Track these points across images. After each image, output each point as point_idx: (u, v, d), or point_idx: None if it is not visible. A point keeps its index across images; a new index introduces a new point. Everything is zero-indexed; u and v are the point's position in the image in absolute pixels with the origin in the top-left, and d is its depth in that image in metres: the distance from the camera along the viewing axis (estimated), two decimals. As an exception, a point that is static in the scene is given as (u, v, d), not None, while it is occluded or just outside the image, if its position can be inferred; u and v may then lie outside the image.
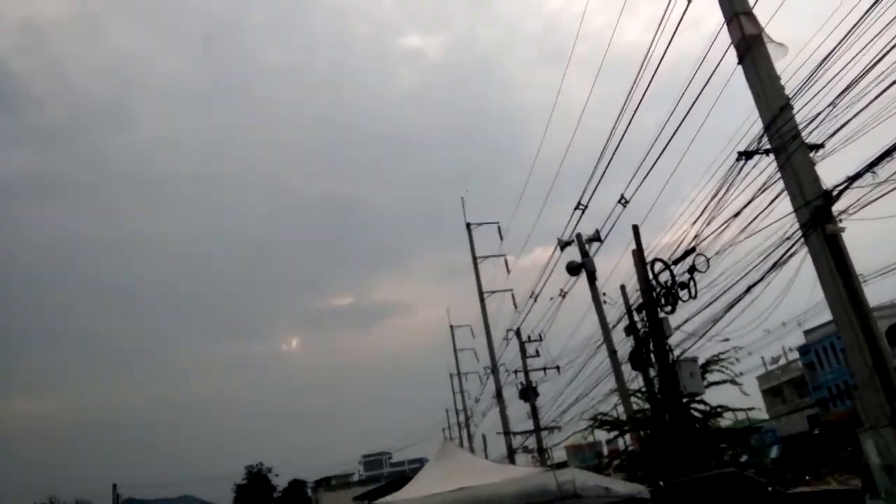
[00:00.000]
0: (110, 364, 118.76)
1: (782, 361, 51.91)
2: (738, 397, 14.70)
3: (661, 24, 9.22)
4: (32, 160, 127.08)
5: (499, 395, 26.91)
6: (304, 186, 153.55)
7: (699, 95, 9.29)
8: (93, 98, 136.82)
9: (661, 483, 9.67)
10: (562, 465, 28.79)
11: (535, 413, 25.75)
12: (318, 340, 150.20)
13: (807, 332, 42.22)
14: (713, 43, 8.59)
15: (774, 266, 8.97)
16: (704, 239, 10.77)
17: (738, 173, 8.91)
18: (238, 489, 73.92)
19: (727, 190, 9.41)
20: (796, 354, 49.36)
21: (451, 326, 38.83)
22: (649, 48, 9.69)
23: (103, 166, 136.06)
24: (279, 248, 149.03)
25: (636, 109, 10.90)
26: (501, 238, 27.49)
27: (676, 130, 10.10)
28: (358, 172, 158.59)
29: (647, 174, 11.63)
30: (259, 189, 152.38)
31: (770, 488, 10.17)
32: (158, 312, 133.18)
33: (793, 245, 8.25)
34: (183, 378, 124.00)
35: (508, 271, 27.30)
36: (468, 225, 28.20)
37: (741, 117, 8.78)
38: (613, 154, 12.23)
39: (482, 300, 27.03)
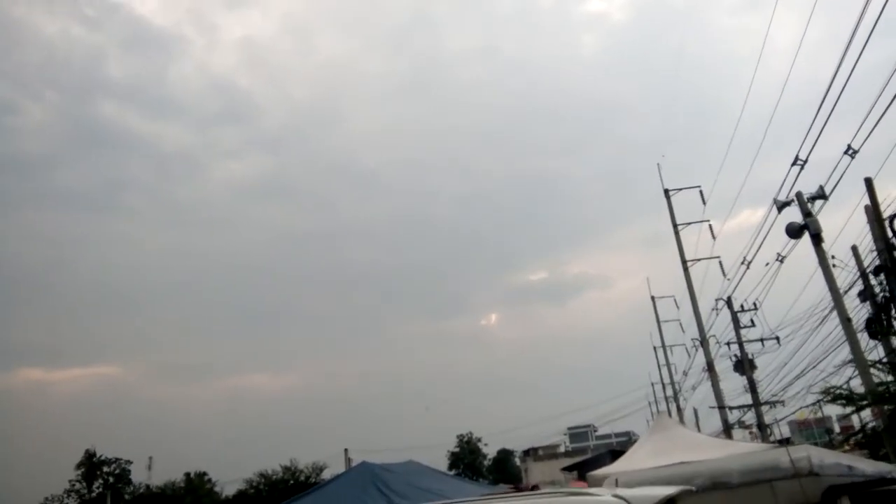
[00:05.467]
0: (333, 343, 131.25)
1: None
2: None
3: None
4: (263, 164, 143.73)
5: (710, 367, 25.51)
6: (497, 166, 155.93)
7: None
8: (306, 102, 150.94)
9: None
10: (785, 442, 26.75)
11: (752, 387, 24.12)
12: (517, 316, 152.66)
13: None
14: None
15: None
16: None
17: None
18: (452, 456, 78.32)
19: None
20: None
21: (653, 297, 37.45)
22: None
23: (318, 163, 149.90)
24: (475, 228, 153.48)
25: (865, 44, 9.62)
26: (704, 202, 25.84)
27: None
28: (549, 148, 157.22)
29: (880, 119, 10.26)
30: (455, 173, 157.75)
31: None
32: (370, 295, 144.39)
33: None
34: (394, 354, 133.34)
35: (714, 237, 25.65)
36: (666, 191, 26.87)
37: None
38: (838, 99, 10.92)
39: (686, 269, 25.70)
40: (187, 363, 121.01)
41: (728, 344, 24.87)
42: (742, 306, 23.65)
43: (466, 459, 77.86)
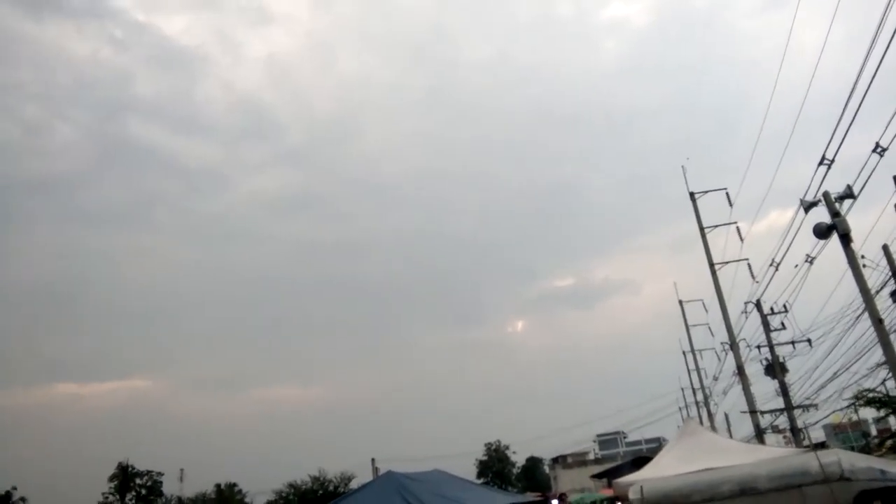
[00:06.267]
0: (359, 353, 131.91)
1: None
2: None
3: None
4: (285, 178, 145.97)
5: (740, 371, 25.04)
6: (517, 175, 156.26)
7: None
8: (327, 116, 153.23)
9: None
10: (820, 446, 26.11)
11: (784, 390, 23.63)
12: (544, 323, 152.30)
13: None
14: None
15: None
16: None
17: None
18: (480, 464, 77.94)
19: None
20: None
21: (681, 301, 36.95)
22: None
23: (338, 176, 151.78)
24: (497, 236, 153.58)
25: (891, 39, 9.42)
26: (731, 204, 25.42)
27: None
28: (571, 155, 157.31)
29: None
30: (473, 183, 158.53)
31: None
32: (395, 305, 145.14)
33: None
34: (421, 363, 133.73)
35: (741, 239, 25.23)
36: (692, 194, 26.50)
37: None
38: (864, 96, 10.68)
39: (713, 272, 25.29)
40: (216, 375, 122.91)
41: (759, 347, 24.44)
42: (772, 309, 23.24)
43: (495, 468, 77.42)
